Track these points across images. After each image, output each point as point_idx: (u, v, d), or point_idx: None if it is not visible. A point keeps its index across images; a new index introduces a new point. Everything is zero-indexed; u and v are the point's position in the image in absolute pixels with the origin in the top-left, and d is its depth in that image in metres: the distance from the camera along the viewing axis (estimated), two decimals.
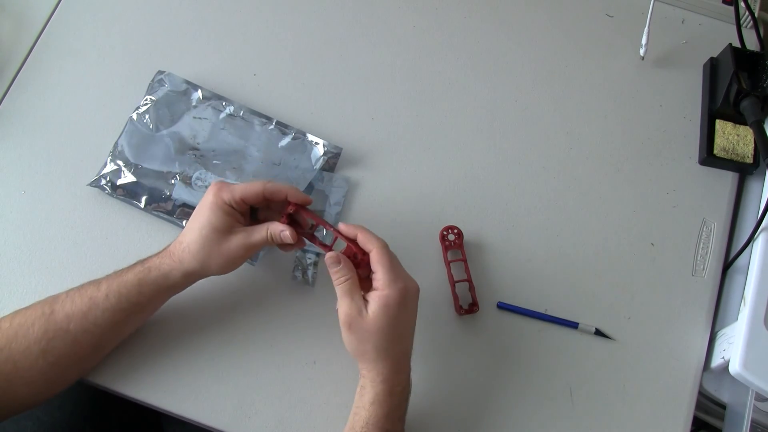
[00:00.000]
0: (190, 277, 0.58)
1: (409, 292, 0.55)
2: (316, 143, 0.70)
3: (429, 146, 0.72)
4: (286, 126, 0.71)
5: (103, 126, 0.70)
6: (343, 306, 0.55)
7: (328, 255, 0.56)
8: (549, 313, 0.66)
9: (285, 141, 0.70)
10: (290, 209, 0.58)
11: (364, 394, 0.55)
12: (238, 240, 0.57)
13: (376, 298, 0.54)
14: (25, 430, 0.68)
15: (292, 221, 0.58)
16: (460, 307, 0.64)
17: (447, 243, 0.67)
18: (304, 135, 0.70)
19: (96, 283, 0.56)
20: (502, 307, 0.66)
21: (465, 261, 0.66)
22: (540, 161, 0.72)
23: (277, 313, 0.64)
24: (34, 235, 0.66)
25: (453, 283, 0.65)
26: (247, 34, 0.76)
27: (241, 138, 0.69)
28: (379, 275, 0.55)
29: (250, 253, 0.58)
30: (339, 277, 0.56)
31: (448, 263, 0.66)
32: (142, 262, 0.58)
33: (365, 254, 0.56)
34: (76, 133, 0.70)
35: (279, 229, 0.57)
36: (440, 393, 0.63)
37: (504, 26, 0.78)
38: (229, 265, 0.58)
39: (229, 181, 0.67)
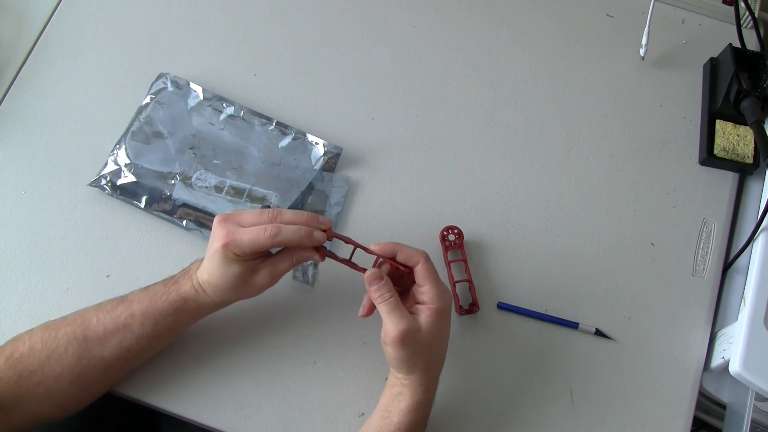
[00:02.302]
0: (222, 306, 0.58)
1: (450, 302, 0.56)
2: (316, 143, 0.70)
3: (429, 146, 0.72)
4: (286, 126, 0.71)
5: (103, 126, 0.70)
6: (393, 322, 0.53)
7: (370, 273, 0.55)
8: (549, 313, 0.66)
9: (285, 141, 0.70)
10: (328, 235, 0.56)
11: (402, 401, 0.55)
12: (265, 275, 0.56)
13: (428, 312, 0.54)
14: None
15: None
16: (460, 307, 0.64)
17: (447, 243, 0.67)
18: (305, 135, 0.70)
19: (127, 307, 0.55)
20: (502, 307, 0.66)
21: (465, 261, 0.66)
22: (540, 161, 0.72)
23: (277, 313, 0.64)
24: (34, 235, 0.66)
25: (453, 284, 0.65)
26: (247, 35, 0.76)
27: (241, 138, 0.69)
28: (428, 288, 0.54)
29: (276, 281, 0.57)
30: (383, 294, 0.54)
31: (448, 263, 0.66)
32: (175, 288, 0.56)
33: (408, 269, 0.56)
34: (76, 133, 0.70)
35: (306, 255, 0.56)
36: (440, 393, 0.62)
37: (504, 26, 0.78)
38: (261, 291, 0.57)
39: (229, 182, 0.67)
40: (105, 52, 0.74)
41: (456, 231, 0.67)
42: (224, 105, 0.71)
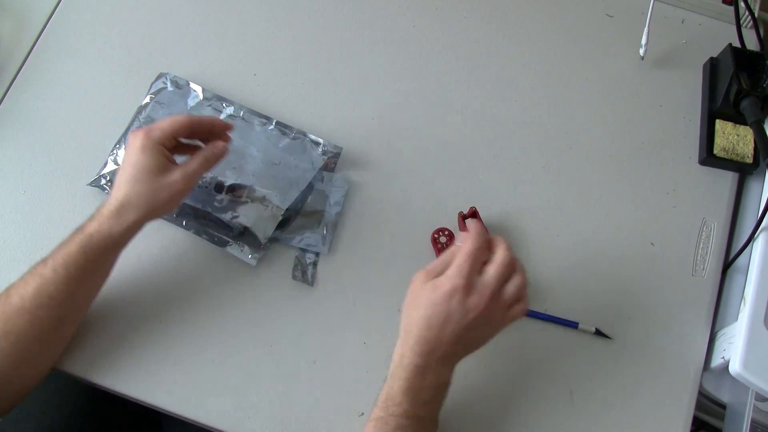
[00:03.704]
0: (135, 227, 0.59)
1: (467, 294, 0.53)
2: (316, 143, 0.70)
3: (429, 146, 0.72)
4: (286, 126, 0.71)
5: (103, 126, 0.70)
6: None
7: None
8: (549, 312, 0.66)
9: (285, 141, 0.70)
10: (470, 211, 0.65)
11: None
12: (177, 174, 0.58)
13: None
14: (25, 431, 0.68)
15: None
16: None
17: (439, 246, 0.67)
18: (304, 135, 0.70)
19: (42, 261, 0.57)
20: None
21: None
22: (540, 161, 0.72)
23: (277, 313, 0.64)
24: (34, 235, 0.66)
25: None
26: (247, 34, 0.76)
27: (241, 138, 0.69)
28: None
29: (191, 185, 0.59)
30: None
31: None
32: (80, 230, 0.58)
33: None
34: (76, 133, 0.70)
35: (215, 145, 0.60)
36: None
37: (504, 26, 0.78)
38: (175, 201, 0.59)
39: (229, 181, 0.67)
40: (105, 52, 0.74)
41: (447, 233, 0.67)
42: (224, 105, 0.71)
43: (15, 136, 0.70)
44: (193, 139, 0.63)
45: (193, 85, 0.71)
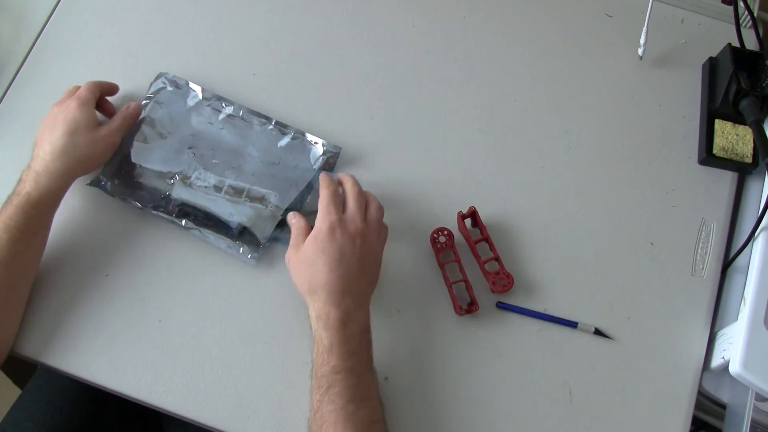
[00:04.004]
0: (70, 180, 0.63)
1: (330, 225, 0.58)
2: (316, 143, 0.70)
3: (428, 146, 0.72)
4: (285, 126, 0.71)
5: None
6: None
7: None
8: (548, 312, 0.66)
9: (284, 141, 0.70)
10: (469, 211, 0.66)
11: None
12: (107, 128, 0.64)
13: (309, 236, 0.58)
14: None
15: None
16: (460, 307, 0.64)
17: (438, 245, 0.67)
18: (303, 135, 0.70)
19: None
20: (502, 306, 0.66)
21: (459, 261, 0.66)
22: (539, 161, 0.72)
23: (276, 313, 0.64)
24: None
25: (449, 285, 0.65)
26: (246, 34, 0.76)
27: (240, 138, 0.69)
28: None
29: (118, 139, 0.66)
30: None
31: (441, 265, 0.66)
32: (13, 194, 0.60)
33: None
34: None
35: (131, 105, 0.67)
36: (439, 392, 0.63)
37: (503, 26, 0.78)
38: (107, 153, 0.65)
39: (228, 181, 0.67)
40: (104, 52, 0.75)
41: (446, 232, 0.67)
42: (223, 105, 0.71)
43: (15, 136, 0.70)
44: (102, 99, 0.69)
45: (192, 85, 0.72)
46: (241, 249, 0.65)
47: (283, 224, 0.66)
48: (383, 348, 0.61)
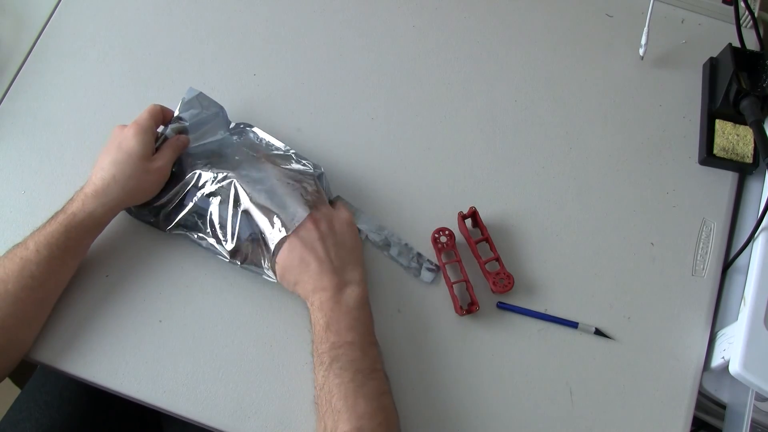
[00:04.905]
0: (117, 209, 0.62)
1: (309, 224, 0.60)
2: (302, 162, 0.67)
3: (428, 146, 0.72)
4: (302, 158, 0.67)
5: (102, 126, 0.70)
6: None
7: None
8: (549, 312, 0.66)
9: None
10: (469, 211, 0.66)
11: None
12: (160, 161, 0.62)
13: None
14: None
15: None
16: (460, 307, 0.64)
17: (439, 245, 0.67)
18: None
19: (22, 244, 0.58)
20: (502, 307, 0.66)
21: (460, 261, 0.66)
22: (539, 161, 0.72)
23: (276, 313, 0.64)
24: None
25: (450, 285, 0.65)
26: (246, 34, 0.76)
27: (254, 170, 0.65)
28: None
29: (169, 171, 0.64)
30: None
31: (443, 265, 0.66)
32: (62, 211, 0.59)
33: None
34: (76, 133, 0.71)
35: (180, 138, 0.65)
36: (440, 393, 0.63)
37: (504, 26, 0.78)
38: (159, 185, 0.64)
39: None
40: (105, 52, 0.75)
41: (447, 232, 0.67)
42: (250, 132, 0.68)
43: (15, 136, 0.70)
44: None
45: (223, 111, 0.69)
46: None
47: None
48: (383, 348, 0.61)
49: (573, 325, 0.65)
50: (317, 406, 0.55)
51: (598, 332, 0.65)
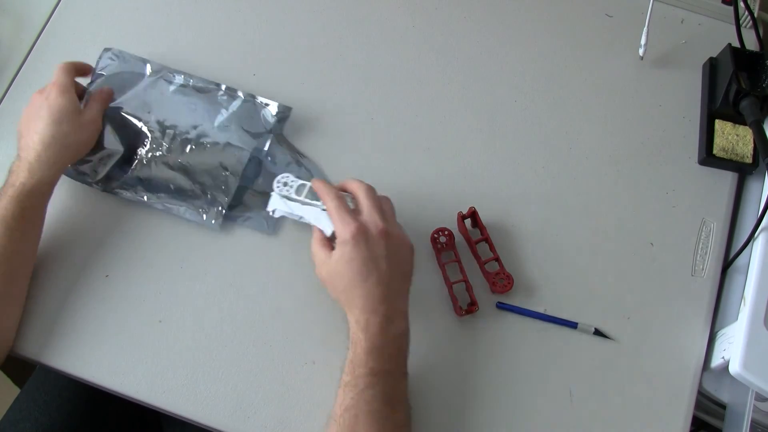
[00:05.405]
0: (61, 169, 0.63)
1: (355, 233, 0.56)
2: (267, 104, 0.70)
3: (428, 146, 0.72)
4: (234, 90, 0.71)
5: None
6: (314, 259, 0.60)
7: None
8: (548, 313, 0.66)
9: (235, 104, 0.70)
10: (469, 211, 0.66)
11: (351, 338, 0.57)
12: (88, 114, 0.64)
13: (336, 247, 0.57)
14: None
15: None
16: (460, 307, 0.64)
17: (439, 245, 0.67)
18: (254, 98, 0.71)
19: None
20: (502, 307, 0.66)
21: (459, 261, 0.66)
22: (539, 161, 0.72)
23: (275, 313, 0.64)
24: None
25: (450, 285, 0.65)
26: (246, 33, 0.76)
27: (191, 106, 0.69)
28: (335, 224, 0.58)
29: (100, 122, 0.66)
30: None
31: (442, 265, 0.66)
32: (8, 185, 0.60)
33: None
34: None
35: (104, 89, 0.68)
36: (440, 393, 0.63)
37: (503, 26, 0.78)
38: (94, 138, 0.65)
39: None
40: None
41: (446, 232, 0.67)
42: (174, 76, 0.71)
43: (15, 136, 0.70)
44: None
45: (140, 59, 0.72)
46: (204, 216, 0.66)
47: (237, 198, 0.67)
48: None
49: (572, 325, 0.65)
50: (335, 424, 0.54)
51: (598, 332, 0.65)
